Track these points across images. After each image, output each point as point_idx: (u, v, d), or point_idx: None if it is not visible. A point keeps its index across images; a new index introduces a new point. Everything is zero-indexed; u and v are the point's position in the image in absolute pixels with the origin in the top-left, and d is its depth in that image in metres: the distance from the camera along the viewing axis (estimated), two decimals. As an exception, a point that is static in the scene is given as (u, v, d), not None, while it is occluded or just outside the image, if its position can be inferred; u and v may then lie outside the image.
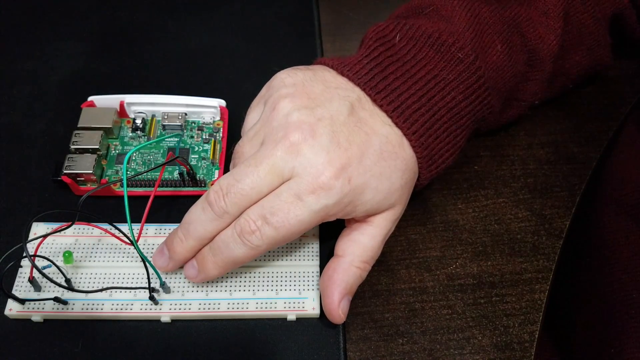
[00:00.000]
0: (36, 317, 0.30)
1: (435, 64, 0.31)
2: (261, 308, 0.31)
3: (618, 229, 0.36)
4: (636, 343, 0.32)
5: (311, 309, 0.31)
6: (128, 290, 0.31)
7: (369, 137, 0.29)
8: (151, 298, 0.30)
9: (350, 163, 0.28)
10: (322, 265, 0.32)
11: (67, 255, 0.31)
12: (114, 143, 0.36)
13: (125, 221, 0.27)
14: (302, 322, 0.31)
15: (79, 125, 0.35)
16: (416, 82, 0.31)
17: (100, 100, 0.36)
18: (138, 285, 0.31)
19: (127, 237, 0.29)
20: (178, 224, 0.33)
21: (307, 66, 0.32)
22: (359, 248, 0.31)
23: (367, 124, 0.30)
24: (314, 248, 0.33)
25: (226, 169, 0.36)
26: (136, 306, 0.30)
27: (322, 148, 0.28)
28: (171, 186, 0.34)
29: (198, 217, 0.29)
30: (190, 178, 0.34)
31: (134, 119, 0.36)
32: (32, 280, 0.30)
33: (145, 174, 0.33)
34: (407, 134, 0.30)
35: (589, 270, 0.37)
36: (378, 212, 0.30)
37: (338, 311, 0.30)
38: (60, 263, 0.31)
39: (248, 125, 0.32)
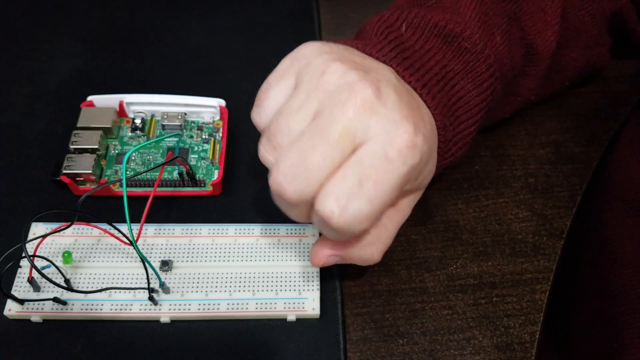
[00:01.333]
0: (35, 318, 0.30)
1: (443, 54, 0.30)
2: (261, 308, 0.30)
3: (622, 226, 0.36)
4: None
5: (311, 309, 0.31)
6: (127, 291, 0.31)
7: (419, 106, 0.28)
8: (150, 298, 0.30)
9: (419, 123, 0.26)
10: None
11: (67, 256, 0.31)
12: (113, 143, 0.36)
13: (124, 221, 0.27)
14: (302, 322, 0.31)
15: (78, 125, 0.35)
16: (428, 71, 0.30)
17: (100, 100, 0.36)
18: (137, 286, 0.31)
19: (127, 237, 0.29)
20: (178, 224, 0.33)
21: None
22: (384, 233, 0.29)
23: (413, 94, 0.28)
24: (314, 248, 0.33)
25: (226, 169, 0.35)
26: (135, 306, 0.30)
27: (394, 104, 0.25)
28: (171, 186, 0.34)
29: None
30: (190, 178, 0.34)
31: (134, 119, 0.36)
32: (31, 280, 0.30)
33: (144, 174, 0.33)
34: (435, 114, 0.29)
35: (590, 268, 0.37)
36: (413, 191, 0.29)
37: (324, 260, 0.29)
38: (59, 263, 0.31)
39: (272, 104, 0.28)
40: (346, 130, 0.24)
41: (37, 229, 0.32)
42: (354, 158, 0.25)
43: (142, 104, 0.36)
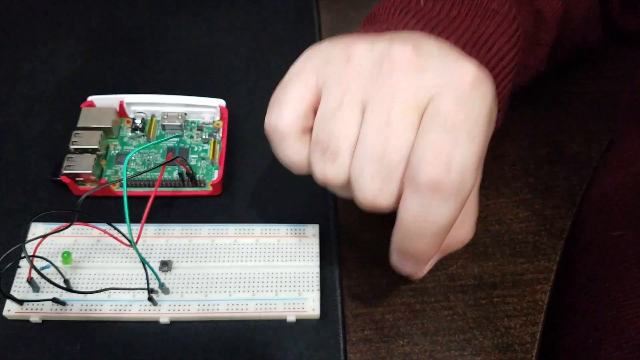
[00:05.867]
0: (35, 318, 0.30)
1: (471, 20, 0.28)
2: (261, 309, 0.30)
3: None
4: (613, 333, 0.31)
5: (311, 310, 0.31)
6: (127, 291, 0.30)
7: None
8: (150, 299, 0.30)
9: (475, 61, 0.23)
10: (322, 265, 0.32)
11: (66, 256, 0.31)
12: (114, 143, 0.36)
13: (124, 221, 0.27)
14: (302, 323, 0.31)
15: (78, 125, 0.35)
16: (460, 36, 0.27)
17: (100, 100, 0.36)
18: (137, 286, 0.31)
19: (127, 238, 0.29)
20: (178, 224, 0.33)
21: None
22: (471, 201, 0.26)
23: (452, 46, 0.25)
24: (314, 248, 0.33)
25: (226, 169, 0.35)
26: (135, 307, 0.30)
27: (440, 51, 0.22)
28: (171, 186, 0.34)
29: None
30: (190, 178, 0.34)
31: (134, 119, 0.36)
32: (30, 280, 0.30)
33: (144, 174, 0.33)
34: None
35: (577, 267, 0.37)
36: None
37: (429, 266, 0.30)
38: (59, 263, 0.31)
39: (294, 104, 0.24)
40: (408, 104, 0.21)
41: (37, 229, 0.32)
42: (428, 119, 0.21)
43: (142, 104, 0.36)
